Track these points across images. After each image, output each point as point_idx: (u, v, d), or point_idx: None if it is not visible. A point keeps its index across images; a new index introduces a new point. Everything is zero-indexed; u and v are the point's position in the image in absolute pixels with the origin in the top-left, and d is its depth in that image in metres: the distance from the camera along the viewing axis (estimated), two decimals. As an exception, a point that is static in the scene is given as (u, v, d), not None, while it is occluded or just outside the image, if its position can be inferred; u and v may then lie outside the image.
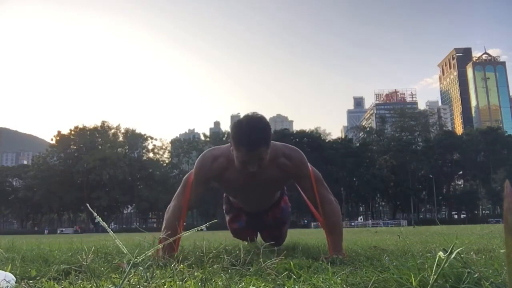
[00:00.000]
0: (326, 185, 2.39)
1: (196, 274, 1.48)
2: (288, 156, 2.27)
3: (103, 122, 68.62)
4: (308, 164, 2.34)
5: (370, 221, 53.78)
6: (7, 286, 1.36)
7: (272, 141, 2.22)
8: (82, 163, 61.33)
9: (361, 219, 64.67)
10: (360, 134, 76.49)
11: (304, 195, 2.43)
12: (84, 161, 61.28)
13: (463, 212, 67.00)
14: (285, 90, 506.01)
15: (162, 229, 2.19)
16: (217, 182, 2.39)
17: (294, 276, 1.44)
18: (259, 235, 3.17)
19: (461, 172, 68.06)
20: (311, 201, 2.40)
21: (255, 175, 2.18)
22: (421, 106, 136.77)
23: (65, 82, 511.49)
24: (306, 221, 55.07)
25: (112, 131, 68.71)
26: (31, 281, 1.49)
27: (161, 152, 69.74)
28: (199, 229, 1.29)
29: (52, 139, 67.52)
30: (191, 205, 2.35)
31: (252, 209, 2.76)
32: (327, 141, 67.93)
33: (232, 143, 2.09)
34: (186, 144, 70.21)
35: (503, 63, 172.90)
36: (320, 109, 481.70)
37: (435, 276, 1.10)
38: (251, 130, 2.01)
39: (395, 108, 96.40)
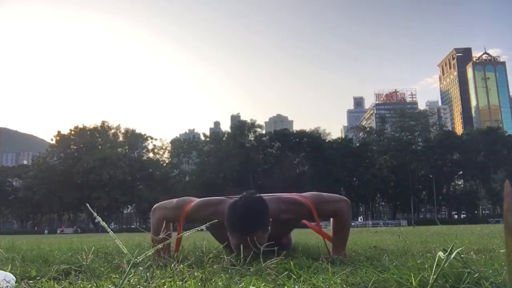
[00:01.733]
0: (326, 196, 2.40)
1: (196, 274, 1.48)
2: (286, 211, 2.26)
3: (103, 122, 68.69)
4: (305, 197, 2.32)
5: (370, 221, 53.81)
6: (7, 286, 1.36)
7: (267, 198, 2.20)
8: (82, 163, 61.33)
9: (361, 219, 64.66)
10: (360, 134, 76.50)
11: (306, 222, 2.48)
12: (84, 161, 61.28)
13: (463, 212, 67.00)
14: (285, 90, 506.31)
15: (152, 233, 2.21)
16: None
17: (294, 276, 1.44)
18: None
19: (461, 172, 68.05)
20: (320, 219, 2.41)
21: None
22: (421, 106, 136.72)
23: (65, 82, 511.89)
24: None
25: (112, 131, 68.76)
26: (31, 281, 1.49)
27: (161, 152, 69.82)
28: (199, 229, 1.29)
29: (52, 139, 67.67)
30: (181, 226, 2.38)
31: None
32: (327, 141, 67.90)
33: (226, 226, 2.02)
34: (186, 144, 70.20)
35: (503, 63, 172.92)
36: (320, 109, 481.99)
37: (435, 276, 1.10)
38: (245, 215, 1.95)
39: (395, 108, 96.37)
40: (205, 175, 62.35)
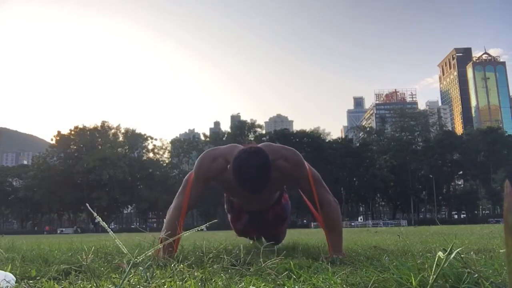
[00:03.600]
0: (325, 185, 2.40)
1: (196, 274, 1.49)
2: (286, 158, 2.28)
3: (103, 122, 68.70)
4: (307, 165, 2.35)
5: (370, 221, 53.78)
6: (7, 286, 1.36)
7: (269, 143, 2.22)
8: (82, 163, 61.36)
9: (361, 219, 64.69)
10: (360, 134, 76.49)
11: (303, 196, 2.44)
12: (84, 161, 61.31)
13: (463, 212, 67.02)
14: (285, 90, 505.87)
15: (163, 229, 2.21)
16: (216, 183, 2.41)
17: (294, 276, 1.45)
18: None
19: (461, 172, 68.07)
20: (311, 202, 2.40)
21: None
22: (421, 106, 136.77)
23: (65, 82, 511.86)
24: (305, 221, 55.09)
25: (112, 131, 68.76)
26: (31, 281, 1.49)
27: (161, 152, 69.84)
28: (199, 229, 1.29)
29: (52, 139, 67.67)
30: (191, 204, 2.37)
31: (252, 208, 2.77)
32: (327, 141, 67.93)
33: (234, 181, 2.07)
34: (186, 144, 70.23)
35: (503, 63, 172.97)
36: (320, 109, 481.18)
37: (435, 276, 1.10)
38: (253, 173, 2.00)
39: (395, 108, 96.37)
40: (205, 175, 62.31)
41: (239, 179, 2.03)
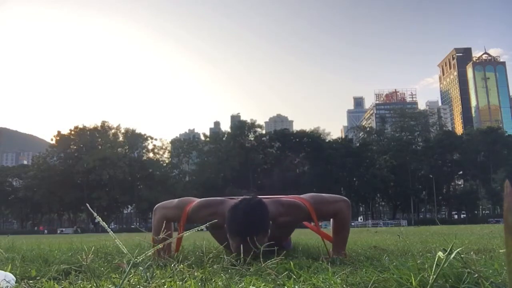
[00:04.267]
0: (327, 197, 2.41)
1: (196, 274, 1.48)
2: (285, 213, 2.27)
3: (103, 122, 68.69)
4: (304, 199, 2.32)
5: (370, 221, 53.79)
6: (7, 286, 1.36)
7: (266, 200, 2.22)
8: (82, 163, 61.35)
9: (361, 219, 64.67)
10: (360, 134, 76.47)
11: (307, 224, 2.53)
12: (84, 161, 61.30)
13: (463, 212, 67.01)
14: (285, 90, 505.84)
15: (152, 234, 2.22)
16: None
17: (294, 276, 1.44)
18: None
19: (461, 172, 68.06)
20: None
21: None
22: (421, 106, 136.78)
23: (65, 82, 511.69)
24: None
25: (112, 131, 68.75)
26: (31, 281, 1.49)
27: (161, 152, 69.82)
28: (199, 229, 1.29)
29: (52, 139, 67.66)
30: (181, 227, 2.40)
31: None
32: (327, 141, 67.91)
33: (227, 229, 2.04)
34: (186, 144, 70.19)
35: (503, 63, 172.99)
36: (320, 109, 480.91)
37: (435, 276, 1.10)
38: (246, 220, 1.96)
39: (395, 108, 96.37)
40: (205, 175, 62.38)
41: (230, 221, 2.00)
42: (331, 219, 2.39)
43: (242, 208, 2.00)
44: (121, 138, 68.97)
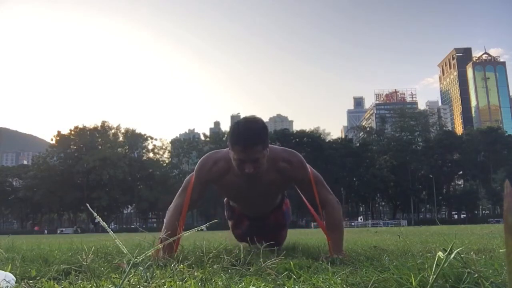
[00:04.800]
0: (327, 186, 2.40)
1: (196, 274, 1.49)
2: (287, 160, 2.28)
3: (103, 122, 68.65)
4: (308, 166, 2.34)
5: (370, 221, 53.76)
6: (7, 286, 1.36)
7: (271, 145, 2.23)
8: (82, 163, 61.33)
9: (361, 219, 64.64)
10: (360, 134, 76.43)
11: (304, 198, 2.44)
12: (84, 161, 61.28)
13: (463, 212, 66.98)
14: (285, 90, 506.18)
15: (162, 229, 2.21)
16: (217, 186, 2.41)
17: (294, 276, 1.45)
18: None
19: (461, 172, 68.04)
20: (311, 204, 2.40)
21: (255, 179, 2.19)
22: (421, 106, 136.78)
23: (65, 82, 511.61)
24: (305, 220, 55.08)
25: (112, 131, 68.73)
26: (31, 281, 1.49)
27: (161, 152, 69.81)
28: (199, 229, 1.29)
29: (52, 139, 67.59)
30: (191, 206, 2.37)
31: (253, 213, 2.75)
32: (327, 141, 67.91)
33: (229, 144, 2.12)
34: (186, 144, 70.19)
35: (503, 63, 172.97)
36: (320, 109, 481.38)
37: (435, 276, 1.10)
38: (246, 129, 2.05)
39: (395, 108, 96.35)
40: (205, 175, 62.28)
41: (232, 133, 2.09)
42: (325, 219, 2.37)
43: (243, 121, 2.11)
44: (121, 138, 68.95)
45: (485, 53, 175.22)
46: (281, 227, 2.95)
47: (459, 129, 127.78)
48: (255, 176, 2.15)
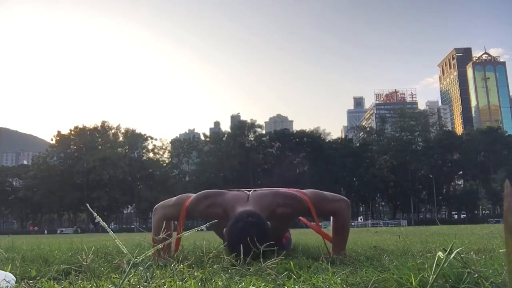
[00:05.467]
0: (327, 195, 2.41)
1: (196, 274, 1.49)
2: (283, 205, 2.28)
3: (103, 122, 68.65)
4: (302, 194, 2.33)
5: (370, 221, 53.76)
6: (7, 286, 1.36)
7: (262, 193, 2.25)
8: (82, 163, 61.33)
9: (361, 219, 64.62)
10: (360, 134, 76.42)
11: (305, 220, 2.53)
12: (84, 161, 61.28)
13: (463, 212, 66.96)
14: (285, 90, 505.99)
15: (152, 233, 2.23)
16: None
17: (294, 276, 1.44)
18: None
19: (461, 172, 68.02)
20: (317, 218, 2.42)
21: None
22: (421, 106, 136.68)
23: (65, 82, 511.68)
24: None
25: (112, 131, 68.72)
26: (31, 281, 1.49)
27: (161, 152, 69.79)
28: (199, 229, 1.29)
29: (52, 139, 67.61)
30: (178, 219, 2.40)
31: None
32: (327, 141, 67.87)
33: (227, 245, 2.04)
34: (186, 144, 70.16)
35: (503, 63, 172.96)
36: (320, 109, 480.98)
37: (435, 276, 1.10)
38: (246, 248, 1.87)
39: (395, 108, 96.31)
40: (205, 175, 62.34)
41: (231, 246, 1.98)
42: (331, 219, 2.39)
43: (241, 236, 1.92)
44: (121, 138, 68.94)
45: (485, 53, 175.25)
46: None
47: (459, 129, 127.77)
48: None
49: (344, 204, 2.38)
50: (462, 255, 1.20)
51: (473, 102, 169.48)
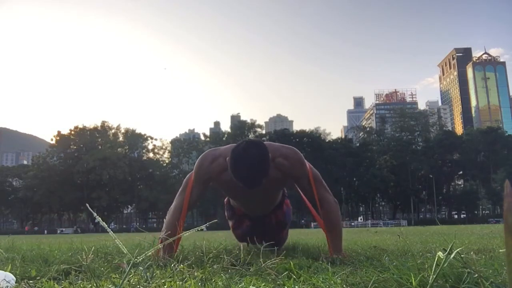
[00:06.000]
0: (325, 184, 2.39)
1: (196, 274, 1.49)
2: (285, 156, 2.26)
3: (103, 122, 68.68)
4: (307, 163, 2.33)
5: (370, 221, 53.78)
6: (7, 286, 1.36)
7: (269, 142, 2.22)
8: (82, 163, 61.33)
9: (361, 219, 64.67)
10: (360, 134, 76.48)
11: (303, 195, 2.43)
12: (84, 161, 61.28)
13: (463, 212, 66.98)
14: (285, 90, 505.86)
15: (163, 229, 2.21)
16: (216, 183, 2.38)
17: (294, 276, 1.45)
18: None
19: (461, 172, 68.03)
20: (310, 201, 2.40)
21: None
22: (421, 106, 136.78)
23: (65, 82, 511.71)
24: (304, 220, 55.08)
25: (112, 131, 68.74)
26: (31, 281, 1.49)
27: (161, 152, 69.82)
28: (199, 229, 1.29)
29: (52, 139, 67.59)
30: (191, 205, 2.36)
31: (254, 212, 2.73)
32: (327, 141, 67.92)
33: (231, 173, 2.05)
34: (186, 144, 70.21)
35: (503, 63, 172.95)
36: (320, 109, 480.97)
37: (435, 276, 1.10)
38: (250, 171, 1.98)
39: (395, 108, 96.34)
40: (205, 175, 62.28)
41: (235, 169, 2.01)
42: (323, 219, 2.36)
43: (244, 156, 2.00)
44: (121, 138, 68.96)
45: (485, 53, 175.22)
46: (282, 227, 2.93)
47: (459, 129, 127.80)
48: None
49: (333, 198, 2.37)
50: (462, 255, 1.20)
51: (473, 102, 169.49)
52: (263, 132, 71.89)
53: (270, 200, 2.64)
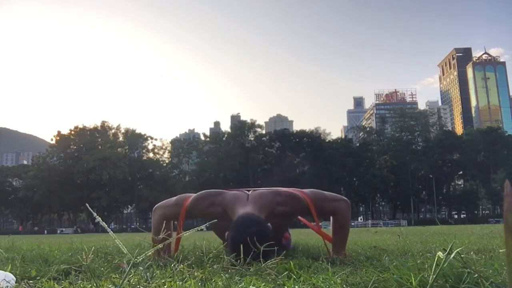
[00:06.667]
0: (327, 194, 2.41)
1: (196, 274, 1.49)
2: (283, 203, 2.28)
3: (103, 122, 68.66)
4: (302, 193, 2.33)
5: (370, 221, 53.79)
6: (7, 286, 1.36)
7: (262, 192, 2.24)
8: (82, 163, 61.31)
9: (361, 219, 64.64)
10: (360, 134, 76.44)
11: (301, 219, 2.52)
12: (84, 161, 61.27)
13: (463, 212, 66.96)
14: (285, 90, 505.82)
15: (152, 234, 2.23)
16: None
17: (294, 276, 1.44)
18: None
19: (461, 172, 68.01)
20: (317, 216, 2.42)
21: None
22: (421, 106, 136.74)
23: (65, 82, 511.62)
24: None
25: (112, 131, 68.72)
26: (31, 281, 1.49)
27: (161, 152, 69.78)
28: (199, 229, 1.29)
29: (52, 139, 67.60)
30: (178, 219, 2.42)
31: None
32: (327, 141, 67.87)
33: (229, 249, 2.02)
34: (186, 144, 70.15)
35: (503, 63, 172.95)
36: (320, 109, 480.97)
37: (435, 276, 1.10)
38: (247, 251, 1.84)
39: (395, 108, 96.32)
40: (205, 175, 62.34)
41: (233, 247, 1.95)
42: (331, 219, 2.39)
43: (243, 240, 1.89)
44: (121, 138, 68.94)
45: (485, 53, 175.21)
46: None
47: (459, 129, 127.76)
48: None
49: (344, 204, 2.38)
50: (462, 255, 1.20)
51: (473, 102, 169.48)
52: (263, 132, 71.86)
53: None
